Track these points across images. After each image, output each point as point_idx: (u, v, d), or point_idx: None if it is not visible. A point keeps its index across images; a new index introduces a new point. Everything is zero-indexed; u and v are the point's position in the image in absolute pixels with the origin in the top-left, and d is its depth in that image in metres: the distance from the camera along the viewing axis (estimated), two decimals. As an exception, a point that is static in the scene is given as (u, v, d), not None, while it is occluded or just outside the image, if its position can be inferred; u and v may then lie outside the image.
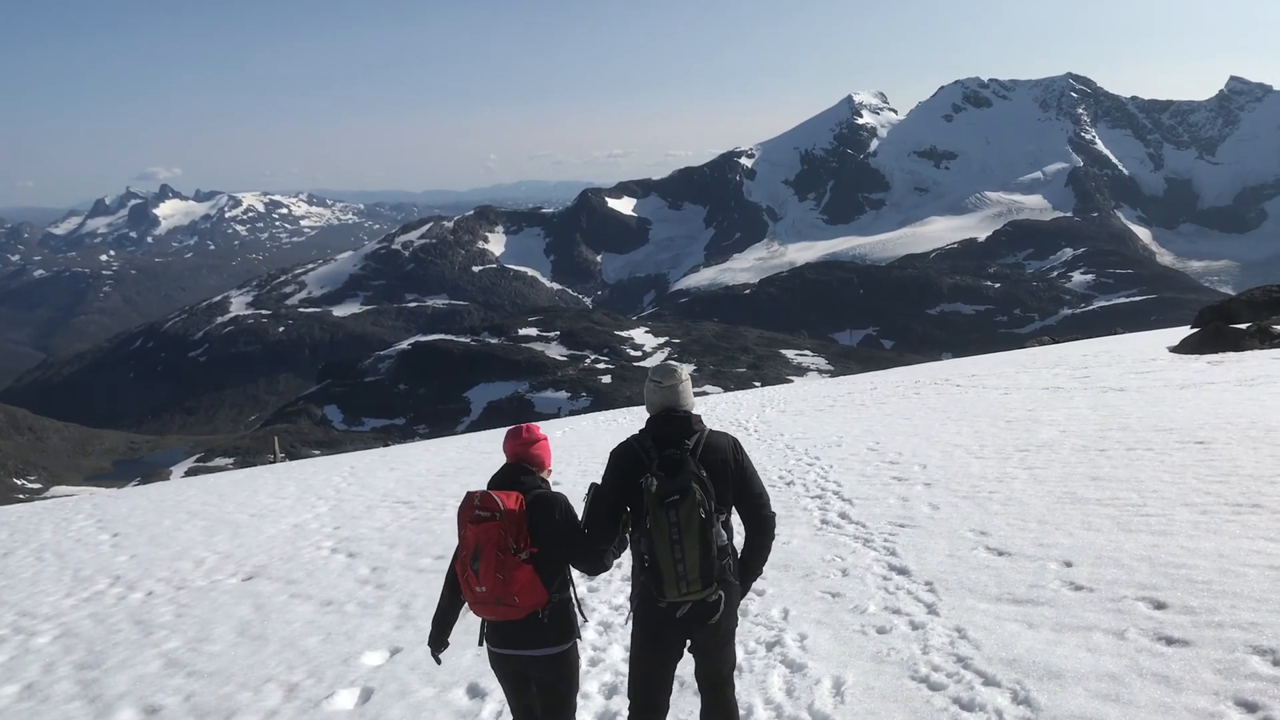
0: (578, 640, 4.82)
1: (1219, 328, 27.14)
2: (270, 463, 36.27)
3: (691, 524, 4.32)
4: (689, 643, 4.72)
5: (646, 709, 4.74)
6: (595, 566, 4.66)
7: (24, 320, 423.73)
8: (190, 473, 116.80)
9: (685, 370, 5.03)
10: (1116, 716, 5.12)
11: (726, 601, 4.56)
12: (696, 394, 6.64)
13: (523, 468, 4.87)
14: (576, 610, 4.83)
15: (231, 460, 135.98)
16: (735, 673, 5.12)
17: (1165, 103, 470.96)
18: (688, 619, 4.52)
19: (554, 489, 4.90)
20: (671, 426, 4.70)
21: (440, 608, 4.94)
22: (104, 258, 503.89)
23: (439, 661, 5.02)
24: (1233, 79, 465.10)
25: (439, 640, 4.93)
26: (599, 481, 4.75)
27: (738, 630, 5.26)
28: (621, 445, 4.75)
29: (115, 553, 15.00)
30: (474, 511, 4.56)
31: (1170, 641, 6.03)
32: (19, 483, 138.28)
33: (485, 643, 4.82)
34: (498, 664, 4.81)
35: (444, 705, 6.89)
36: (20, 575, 14.01)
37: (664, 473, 4.44)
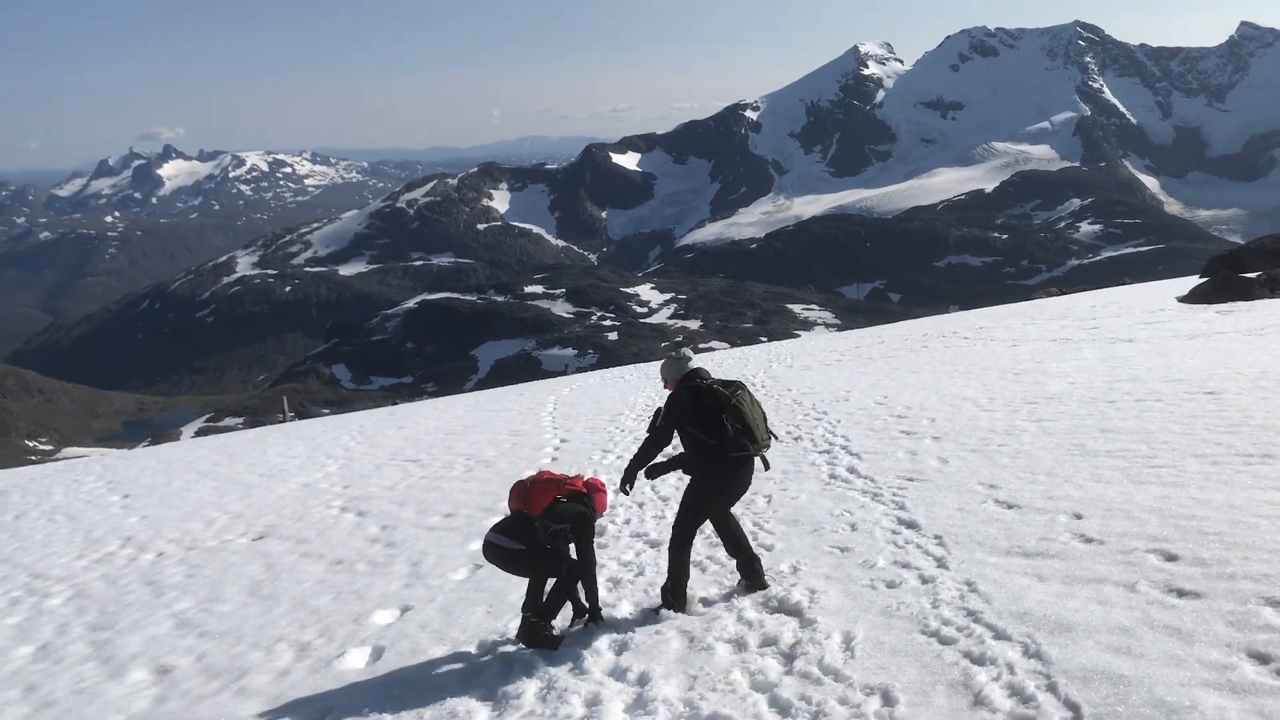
0: (533, 553, 6.81)
1: (1228, 277, 26.97)
2: (280, 422, 36.40)
3: (755, 399, 7.15)
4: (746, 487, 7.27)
5: (694, 529, 7.21)
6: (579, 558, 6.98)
7: (31, 283, 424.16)
8: (200, 433, 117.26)
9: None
10: (1128, 669, 5.11)
11: None
12: (703, 349, 7.56)
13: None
14: (551, 541, 6.81)
15: (241, 420, 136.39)
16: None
17: (1174, 50, 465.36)
18: (756, 463, 7.14)
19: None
20: (703, 374, 7.23)
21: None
22: (109, 219, 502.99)
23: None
24: (1243, 24, 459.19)
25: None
26: (659, 407, 7.20)
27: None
28: (681, 390, 7.12)
29: (126, 514, 15.09)
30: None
31: (1182, 594, 6.00)
32: (30, 444, 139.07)
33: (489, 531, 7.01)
34: (484, 547, 6.97)
35: (455, 662, 6.92)
36: (32, 537, 14.11)
37: (720, 386, 7.05)
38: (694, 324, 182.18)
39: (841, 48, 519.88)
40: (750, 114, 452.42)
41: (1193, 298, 26.52)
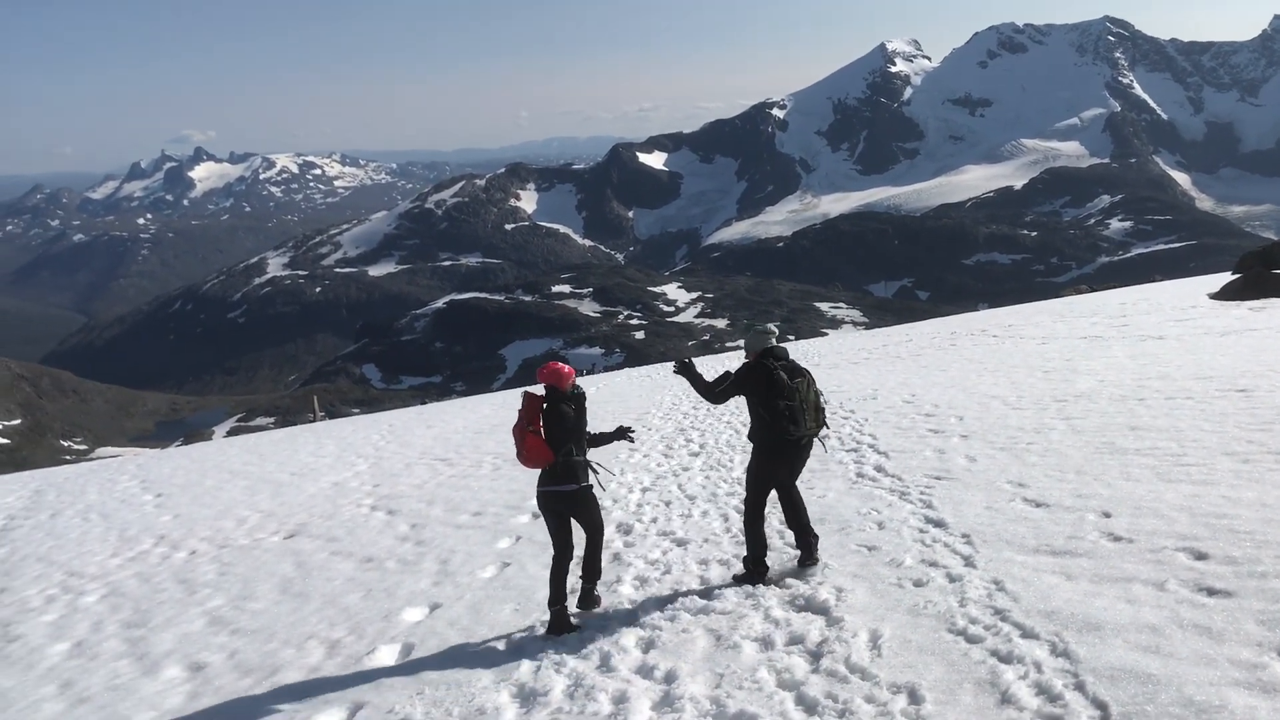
0: (588, 485, 7.40)
1: (1261, 273, 26.67)
2: (310, 422, 36.65)
3: (810, 392, 7.47)
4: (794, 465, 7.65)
5: (761, 500, 7.64)
6: (579, 445, 7.35)
7: (65, 284, 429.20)
8: (232, 433, 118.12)
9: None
10: (1157, 668, 5.09)
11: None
12: (730, 348, 7.64)
13: (551, 386, 7.49)
14: (587, 469, 7.42)
15: (272, 420, 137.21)
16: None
17: (1205, 44, 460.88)
18: (805, 445, 7.51)
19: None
20: (779, 352, 7.56)
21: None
22: (141, 221, 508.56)
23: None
24: (1276, 18, 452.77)
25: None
26: (731, 371, 7.57)
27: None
28: (751, 364, 7.50)
29: (159, 512, 15.25)
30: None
31: (1212, 592, 5.97)
32: (65, 444, 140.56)
33: (537, 485, 7.43)
34: (539, 500, 7.44)
35: (484, 659, 6.97)
36: (68, 535, 14.29)
37: (786, 373, 7.38)
38: (721, 323, 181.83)
39: (869, 45, 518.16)
40: (777, 112, 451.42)
41: (1224, 294, 26.26)
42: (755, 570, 7.68)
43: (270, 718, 6.61)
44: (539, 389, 7.62)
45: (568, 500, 7.36)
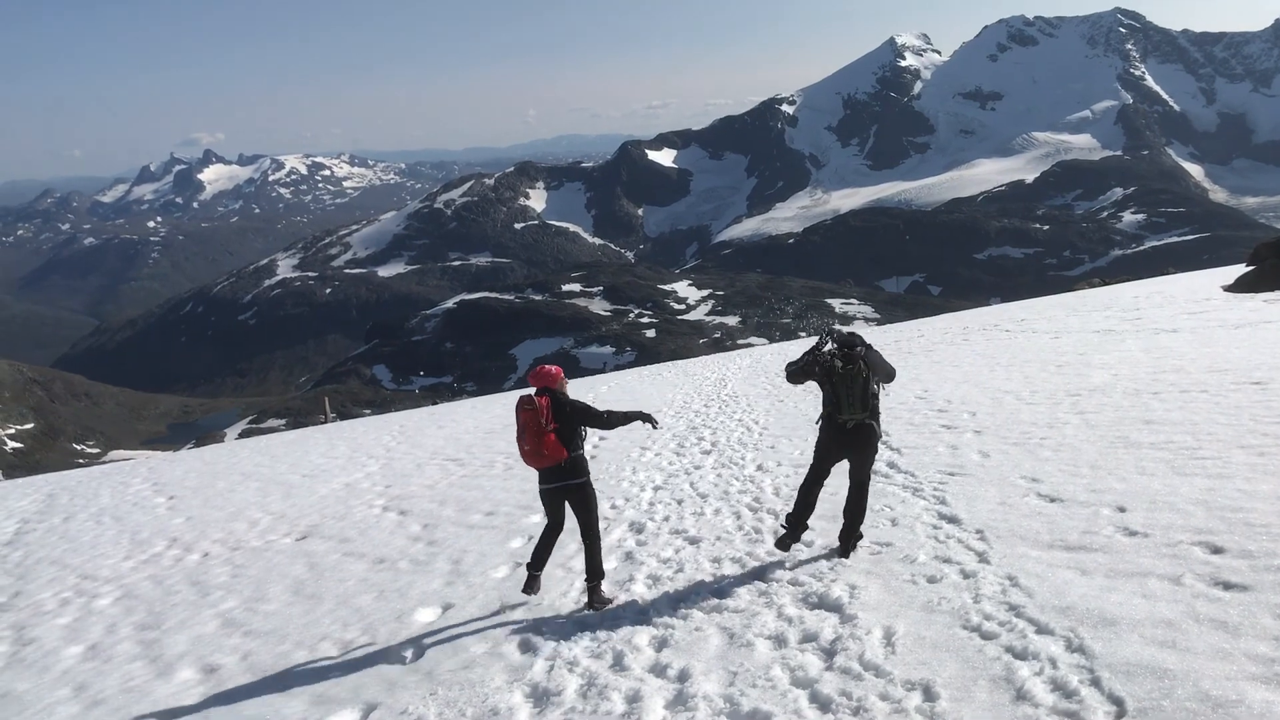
0: (590, 478, 7.79)
1: (1275, 265, 26.52)
2: (322, 423, 36.72)
3: (856, 380, 7.65)
4: (848, 451, 7.91)
5: (815, 474, 8.00)
6: (602, 425, 7.81)
7: (76, 288, 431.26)
8: (243, 434, 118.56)
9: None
10: (1173, 663, 5.05)
11: (871, 427, 7.77)
12: (741, 344, 7.64)
13: (546, 387, 7.86)
14: (587, 464, 7.79)
15: (284, 421, 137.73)
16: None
17: (1218, 35, 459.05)
18: (853, 432, 7.72)
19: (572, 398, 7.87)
20: (849, 341, 7.88)
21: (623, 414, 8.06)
22: (151, 224, 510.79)
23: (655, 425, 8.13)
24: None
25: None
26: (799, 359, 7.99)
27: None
28: (818, 351, 7.91)
29: (172, 515, 15.29)
30: (524, 406, 7.63)
31: (1228, 586, 5.93)
32: (78, 448, 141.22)
33: (540, 483, 7.79)
34: (546, 495, 7.79)
35: (496, 659, 6.95)
36: (81, 539, 14.33)
37: (841, 360, 7.68)
38: (732, 320, 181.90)
39: (878, 40, 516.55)
40: (786, 108, 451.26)
41: (1239, 286, 26.13)
42: (790, 529, 8.04)
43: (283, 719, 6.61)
44: (533, 392, 7.90)
45: (574, 494, 7.73)
